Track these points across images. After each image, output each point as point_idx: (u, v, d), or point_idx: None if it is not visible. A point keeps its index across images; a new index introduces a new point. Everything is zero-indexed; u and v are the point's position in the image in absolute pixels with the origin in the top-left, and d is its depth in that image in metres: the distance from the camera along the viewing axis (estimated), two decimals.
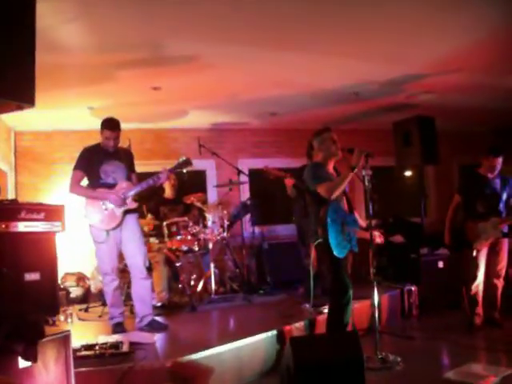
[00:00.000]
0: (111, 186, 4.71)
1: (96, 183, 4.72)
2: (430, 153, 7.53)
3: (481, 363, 4.30)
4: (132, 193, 4.71)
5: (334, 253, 4.24)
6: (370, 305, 5.01)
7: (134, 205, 4.77)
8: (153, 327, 4.69)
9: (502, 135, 9.37)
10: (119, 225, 4.68)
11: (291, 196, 6.11)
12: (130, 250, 4.77)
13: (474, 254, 5.41)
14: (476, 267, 5.47)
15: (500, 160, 5.50)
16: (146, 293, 4.81)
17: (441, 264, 7.01)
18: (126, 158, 4.90)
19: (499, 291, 5.57)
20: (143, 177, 4.92)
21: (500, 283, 5.57)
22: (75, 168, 4.74)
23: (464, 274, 5.68)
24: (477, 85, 6.85)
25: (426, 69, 6.10)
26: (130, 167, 4.94)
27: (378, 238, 4.71)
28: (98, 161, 4.72)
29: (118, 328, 4.67)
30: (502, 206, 5.51)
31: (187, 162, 4.89)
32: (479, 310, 5.54)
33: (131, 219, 4.78)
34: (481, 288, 5.53)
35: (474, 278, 5.49)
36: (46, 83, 5.07)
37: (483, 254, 5.47)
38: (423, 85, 6.71)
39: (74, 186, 4.72)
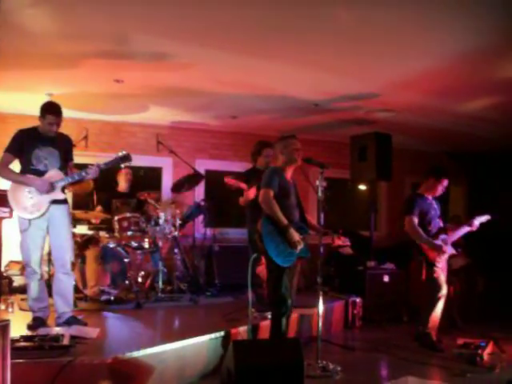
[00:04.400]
0: (41, 173, 4.50)
1: (26, 168, 4.52)
2: (385, 169, 7.68)
3: (418, 377, 4.40)
4: (61, 183, 4.54)
5: (278, 263, 4.31)
6: (315, 314, 5.08)
7: (62, 195, 4.58)
8: (71, 325, 4.47)
9: (454, 158, 9.68)
10: (43, 215, 4.50)
11: (243, 204, 6.08)
12: (55, 243, 4.62)
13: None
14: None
15: (446, 182, 5.67)
16: (66, 289, 4.65)
17: (386, 278, 7.17)
18: (63, 145, 4.71)
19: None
20: None
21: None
22: (6, 150, 4.53)
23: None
24: (434, 107, 7.05)
25: (384, 88, 6.23)
26: (67, 155, 4.74)
27: (348, 248, 4.81)
28: (32, 145, 4.52)
29: (36, 323, 4.50)
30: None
31: (126, 158, 4.76)
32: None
33: (59, 210, 4.59)
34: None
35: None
36: (6, 64, 4.98)
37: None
38: (382, 102, 6.85)
39: (1, 169, 4.50)
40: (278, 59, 5.38)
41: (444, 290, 5.47)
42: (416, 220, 5.46)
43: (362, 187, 8.80)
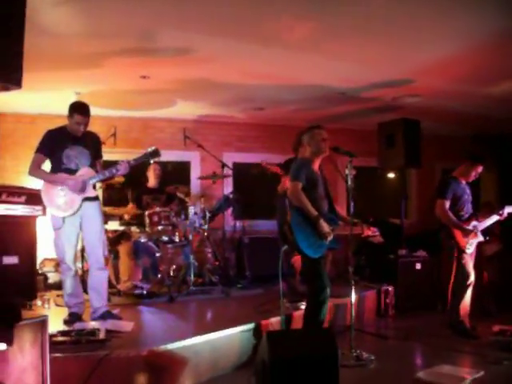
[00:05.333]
0: (73, 172, 4.56)
1: (58, 168, 4.57)
2: (413, 155, 7.58)
3: (452, 365, 4.35)
4: (93, 181, 4.60)
5: (308, 254, 4.30)
6: (347, 303, 5.07)
7: (93, 193, 4.65)
8: (106, 320, 4.52)
9: (480, 141, 9.50)
10: (76, 212, 4.55)
11: (280, 192, 6.12)
12: (88, 239, 4.68)
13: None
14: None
15: (481, 168, 5.57)
16: (101, 284, 4.70)
17: (418, 266, 7.10)
18: (92, 143, 4.75)
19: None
20: None
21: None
22: (37, 151, 4.58)
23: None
24: (461, 91, 6.94)
25: (412, 74, 6.17)
26: (96, 153, 4.79)
27: (378, 236, 4.77)
28: (62, 145, 4.57)
29: (71, 318, 4.56)
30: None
31: (155, 153, 4.78)
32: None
33: (91, 207, 4.64)
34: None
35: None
36: (34, 65, 5.04)
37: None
38: (409, 88, 6.77)
39: (34, 169, 4.56)
40: (305, 49, 5.37)
41: (472, 278, 5.38)
42: (448, 204, 5.37)
43: (391, 175, 8.71)
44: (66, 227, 4.54)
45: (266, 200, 6.28)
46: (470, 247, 5.35)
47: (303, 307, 4.72)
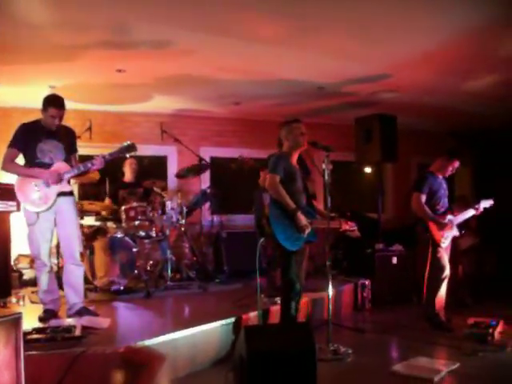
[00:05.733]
0: (47, 166, 4.49)
1: (32, 162, 4.50)
2: (390, 150, 7.64)
3: (428, 357, 4.41)
4: (68, 175, 4.54)
5: (285, 247, 4.32)
6: (325, 297, 5.10)
7: (68, 187, 4.60)
8: (82, 316, 4.47)
9: (457, 137, 9.62)
10: (51, 207, 4.49)
11: (261, 186, 6.15)
12: (63, 234, 4.62)
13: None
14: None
15: (457, 163, 5.63)
16: (76, 280, 4.65)
17: (395, 260, 7.17)
18: (66, 137, 4.69)
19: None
20: None
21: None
22: (10, 145, 4.52)
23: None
24: (439, 86, 7.01)
25: (391, 68, 6.20)
26: (71, 147, 4.73)
27: (356, 231, 4.81)
28: (36, 139, 4.50)
29: (47, 315, 4.51)
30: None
31: (131, 147, 4.73)
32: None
33: (66, 202, 4.58)
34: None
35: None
36: (8, 58, 4.97)
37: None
38: (387, 84, 6.82)
39: (7, 163, 4.49)
40: (282, 44, 5.37)
41: (447, 271, 5.45)
42: (424, 198, 5.42)
43: (368, 170, 8.76)
44: (41, 223, 4.48)
45: (244, 194, 6.28)
46: (445, 241, 5.41)
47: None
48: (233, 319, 4.58)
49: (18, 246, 6.25)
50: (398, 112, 7.72)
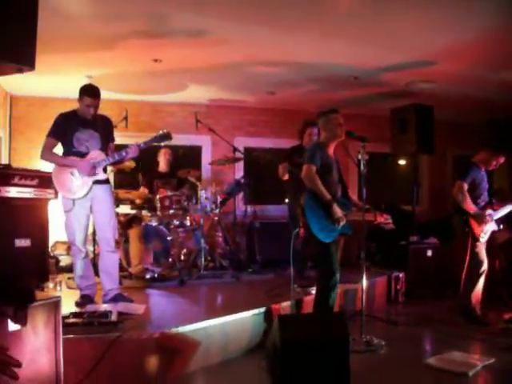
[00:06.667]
0: (84, 155, 4.57)
1: (69, 151, 4.59)
2: (426, 142, 7.54)
3: (463, 351, 4.35)
4: (103, 164, 4.60)
5: (319, 238, 4.29)
6: (358, 289, 5.07)
7: (104, 176, 4.65)
8: (117, 302, 4.53)
9: (493, 128, 9.40)
10: (87, 195, 4.56)
11: (282, 178, 6.20)
12: (98, 221, 4.68)
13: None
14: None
15: (503, 158, 5.50)
16: (112, 266, 4.71)
17: (429, 252, 7.08)
18: (103, 126, 4.73)
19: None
20: None
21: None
22: (48, 135, 4.60)
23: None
24: (475, 77, 6.87)
25: (427, 58, 6.10)
26: (108, 136, 4.78)
27: (391, 223, 4.76)
28: (73, 128, 4.58)
29: (83, 300, 4.59)
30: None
31: (166, 136, 4.75)
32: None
33: (101, 190, 4.64)
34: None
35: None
36: (46, 48, 5.04)
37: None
38: (424, 73, 6.71)
39: (45, 153, 4.58)
40: (319, 33, 5.34)
41: (485, 266, 5.35)
42: (466, 187, 5.32)
43: (403, 161, 8.66)
44: (76, 209, 4.56)
45: (277, 185, 6.28)
46: (485, 236, 5.30)
47: (314, 292, 4.71)
48: (265, 308, 4.59)
49: (56, 233, 6.37)
50: (435, 103, 7.59)
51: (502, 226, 5.52)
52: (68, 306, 4.29)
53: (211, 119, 7.91)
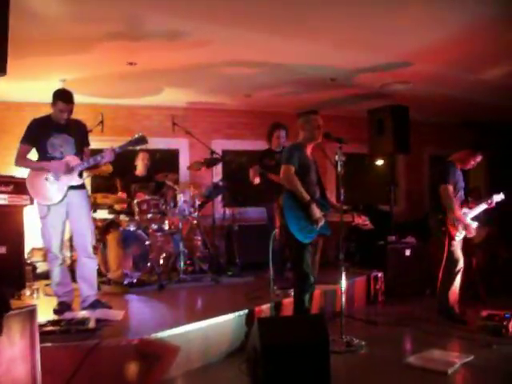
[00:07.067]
0: (58, 161, 4.52)
1: (43, 157, 4.53)
2: (402, 142, 7.62)
3: (442, 349, 4.39)
4: (78, 168, 4.54)
5: (298, 238, 4.30)
6: (337, 289, 5.08)
7: (79, 181, 4.60)
8: (95, 309, 4.50)
9: (471, 128, 9.53)
10: (62, 201, 4.51)
11: (253, 182, 6.24)
12: (75, 228, 4.65)
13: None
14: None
15: (480, 157, 5.56)
16: (89, 272, 4.67)
17: (407, 252, 7.14)
18: (77, 131, 4.68)
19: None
20: None
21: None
22: (21, 141, 4.54)
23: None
24: (451, 77, 6.95)
25: (400, 59, 6.16)
26: (82, 141, 4.72)
27: (369, 225, 4.78)
28: (46, 134, 4.52)
29: (61, 307, 4.53)
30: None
31: (141, 140, 4.69)
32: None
33: (77, 195, 4.60)
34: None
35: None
36: (19, 52, 4.98)
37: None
38: (399, 74, 6.77)
39: (19, 160, 4.53)
40: (295, 36, 5.36)
41: (461, 264, 5.40)
42: (451, 188, 5.35)
43: (380, 162, 8.71)
44: (52, 216, 4.50)
45: (256, 187, 6.28)
46: (460, 235, 5.36)
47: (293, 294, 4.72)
48: (245, 311, 4.58)
49: (32, 240, 6.29)
50: (411, 104, 7.67)
51: (477, 224, 5.58)
52: (45, 314, 4.23)
53: (188, 122, 7.87)
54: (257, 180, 6.22)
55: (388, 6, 4.61)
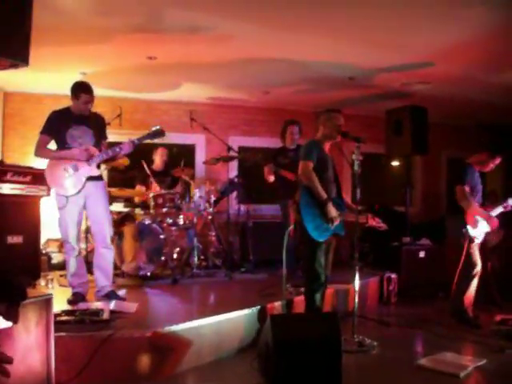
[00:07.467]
0: None
1: (62, 148, 4.58)
2: (420, 143, 7.56)
3: (455, 352, 4.36)
4: (96, 159, 4.58)
5: (312, 236, 4.28)
6: (350, 289, 5.07)
7: (97, 172, 4.65)
8: (110, 299, 4.55)
9: (488, 130, 9.44)
10: (80, 192, 4.55)
11: (267, 180, 6.25)
12: (93, 218, 4.69)
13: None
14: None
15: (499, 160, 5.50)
16: (106, 263, 4.72)
17: (422, 254, 7.10)
18: (96, 123, 4.73)
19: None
20: None
21: None
22: (42, 132, 4.60)
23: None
24: (471, 78, 6.89)
25: (422, 59, 6.11)
26: (100, 133, 4.77)
27: (383, 227, 4.75)
28: (66, 125, 4.58)
29: (75, 298, 4.57)
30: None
31: (159, 133, 4.73)
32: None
33: (95, 187, 4.64)
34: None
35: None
36: (41, 43, 5.00)
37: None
38: (419, 74, 6.72)
39: (39, 150, 4.59)
40: (315, 34, 5.34)
41: (479, 267, 5.35)
42: (468, 189, 5.30)
43: (396, 163, 8.67)
44: (70, 206, 4.55)
45: (271, 184, 6.29)
46: (479, 237, 5.31)
47: None
48: (258, 308, 4.59)
49: (48, 231, 6.35)
50: (429, 104, 7.61)
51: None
52: (60, 304, 4.27)
53: (206, 118, 7.89)
54: (271, 178, 6.24)
55: (413, 6, 4.57)
